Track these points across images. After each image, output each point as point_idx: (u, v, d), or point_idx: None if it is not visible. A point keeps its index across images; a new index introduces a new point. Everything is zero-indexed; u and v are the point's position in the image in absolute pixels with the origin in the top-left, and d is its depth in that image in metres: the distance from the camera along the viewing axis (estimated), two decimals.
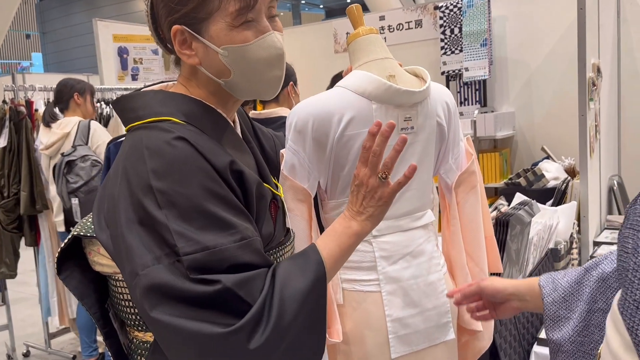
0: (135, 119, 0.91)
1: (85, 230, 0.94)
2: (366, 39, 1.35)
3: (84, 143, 3.04)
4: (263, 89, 0.97)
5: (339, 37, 4.55)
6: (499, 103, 4.05)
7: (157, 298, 0.78)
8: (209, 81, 0.96)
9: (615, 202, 3.44)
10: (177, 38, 0.92)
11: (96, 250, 0.94)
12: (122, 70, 4.14)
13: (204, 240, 0.79)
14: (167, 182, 0.81)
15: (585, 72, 2.56)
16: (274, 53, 0.94)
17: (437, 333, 1.38)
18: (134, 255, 0.80)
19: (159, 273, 0.78)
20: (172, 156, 0.83)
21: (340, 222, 0.99)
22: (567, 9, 3.64)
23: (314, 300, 0.85)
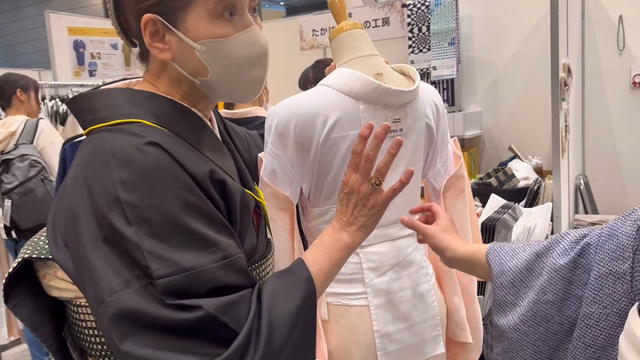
0: (96, 121, 0.79)
1: (38, 252, 0.81)
2: (350, 34, 1.25)
3: (29, 142, 2.85)
4: (243, 90, 0.87)
5: (305, 34, 4.45)
6: (466, 102, 4.04)
7: (128, 328, 0.67)
8: (182, 79, 0.84)
9: (582, 201, 3.47)
10: (148, 29, 0.80)
11: (52, 273, 0.81)
12: (79, 66, 3.89)
13: (181, 260, 0.69)
14: (138, 194, 0.70)
15: (558, 72, 2.55)
16: (257, 50, 0.84)
17: (427, 347, 1.30)
18: (99, 279, 0.69)
19: (129, 299, 0.67)
20: (143, 164, 0.72)
21: (330, 233, 0.90)
22: (534, 8, 3.65)
23: (304, 322, 0.76)
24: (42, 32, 3.99)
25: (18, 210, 2.68)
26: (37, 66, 5.78)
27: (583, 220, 3.23)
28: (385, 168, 0.88)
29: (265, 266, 0.93)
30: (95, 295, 0.69)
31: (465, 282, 1.40)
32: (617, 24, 3.61)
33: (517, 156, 3.63)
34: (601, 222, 3.21)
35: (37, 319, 0.84)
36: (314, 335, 0.79)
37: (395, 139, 0.89)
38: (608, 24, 3.63)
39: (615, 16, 3.61)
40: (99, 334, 0.81)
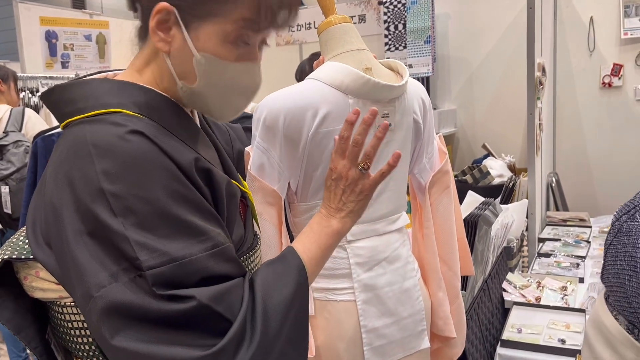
0: (74, 113, 0.76)
1: (18, 252, 0.77)
2: (340, 27, 1.24)
3: (17, 129, 2.78)
4: (217, 111, 0.85)
5: None
6: (441, 100, 4.08)
7: (118, 322, 0.65)
8: (166, 75, 0.82)
9: (554, 199, 3.54)
10: (159, 16, 0.77)
11: (34, 274, 0.78)
12: (51, 57, 3.77)
13: (170, 250, 0.67)
14: (122, 185, 0.68)
15: (533, 71, 2.59)
16: (251, 83, 0.84)
17: (412, 342, 1.30)
18: (85, 274, 0.66)
19: (118, 292, 0.65)
20: (127, 153, 0.69)
21: (318, 221, 0.89)
22: (509, 8, 3.71)
23: (297, 310, 0.76)
24: (10, 22, 3.87)
25: (15, 197, 2.62)
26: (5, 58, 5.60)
27: (555, 217, 3.30)
28: (373, 152, 0.88)
29: (253, 258, 0.92)
30: (83, 292, 0.67)
31: (449, 277, 1.41)
32: (588, 26, 3.69)
33: (491, 154, 3.68)
34: (572, 218, 3.29)
35: (20, 321, 0.81)
36: (307, 323, 0.78)
37: (382, 123, 0.89)
38: (579, 25, 3.71)
39: (586, 18, 3.69)
40: (86, 334, 0.78)
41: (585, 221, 3.20)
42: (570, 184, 3.75)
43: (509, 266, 2.32)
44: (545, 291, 2.12)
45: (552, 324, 1.88)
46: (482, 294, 1.83)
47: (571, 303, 2.05)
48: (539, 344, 1.74)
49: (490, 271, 2.00)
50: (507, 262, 2.30)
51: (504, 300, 2.08)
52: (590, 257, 2.57)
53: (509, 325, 1.88)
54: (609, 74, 3.66)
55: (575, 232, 3.00)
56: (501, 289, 2.11)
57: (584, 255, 2.55)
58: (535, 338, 1.79)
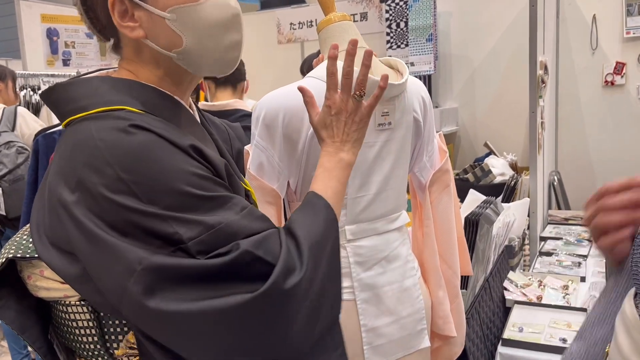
0: (76, 111, 0.76)
1: (22, 251, 0.77)
2: (339, 26, 1.24)
3: (10, 129, 2.78)
4: (222, 57, 0.84)
5: (282, 27, 4.41)
6: (442, 99, 4.07)
7: (166, 286, 0.66)
8: (158, 58, 0.82)
9: (556, 197, 3.53)
10: (117, 9, 0.78)
11: (38, 273, 0.78)
12: (52, 55, 3.77)
13: (204, 220, 0.69)
14: (140, 173, 0.69)
15: (536, 70, 2.58)
16: (229, 12, 0.82)
17: (412, 341, 1.30)
18: (120, 257, 0.66)
19: (163, 259, 0.66)
20: (134, 144, 0.70)
21: (328, 158, 0.94)
22: (511, 6, 3.69)
23: (332, 245, 0.81)
24: (12, 20, 3.87)
25: (9, 198, 2.62)
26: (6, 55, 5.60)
27: (556, 216, 3.29)
28: (364, 79, 0.93)
29: None
30: (121, 272, 0.66)
31: (449, 276, 1.40)
32: (591, 24, 3.68)
33: (493, 152, 3.67)
34: (574, 217, 3.28)
35: (24, 321, 0.81)
36: (339, 258, 0.83)
37: (366, 50, 0.95)
38: (582, 23, 3.70)
39: (589, 16, 3.67)
40: (91, 333, 0.78)
41: None
42: (572, 182, 3.74)
43: (511, 265, 2.31)
44: (546, 290, 2.11)
45: (554, 323, 1.87)
46: (483, 293, 1.82)
47: (573, 302, 2.05)
48: (540, 343, 1.74)
49: (491, 270, 1.99)
50: (509, 261, 2.30)
51: (505, 299, 2.08)
52: (592, 255, 2.56)
53: (510, 324, 1.88)
54: (611, 72, 3.65)
55: (577, 230, 3.00)
56: (502, 288, 2.11)
57: (586, 254, 2.54)
58: (536, 337, 1.79)
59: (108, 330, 0.76)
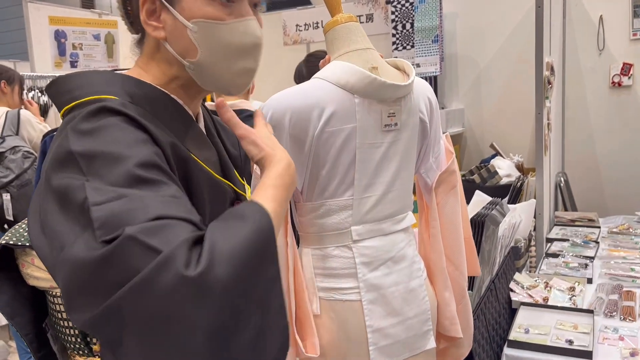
0: (70, 101, 0.77)
1: (16, 239, 0.80)
2: (345, 27, 1.24)
3: (14, 133, 2.79)
4: (231, 79, 0.85)
5: (288, 29, 4.42)
6: (448, 100, 4.06)
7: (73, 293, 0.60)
8: (172, 62, 0.84)
9: (562, 199, 3.52)
10: (146, 7, 0.81)
11: (30, 261, 0.81)
12: (60, 56, 3.80)
13: (122, 191, 0.62)
14: (89, 145, 0.67)
15: (542, 71, 2.57)
16: (249, 40, 0.83)
17: (418, 342, 1.30)
18: (54, 240, 0.63)
19: (75, 250, 0.60)
20: (97, 124, 0.70)
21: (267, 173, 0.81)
22: (517, 7, 3.69)
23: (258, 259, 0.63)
24: (20, 22, 3.90)
25: (17, 203, 2.64)
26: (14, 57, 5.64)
27: (563, 217, 3.28)
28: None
29: None
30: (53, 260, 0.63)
31: (455, 277, 1.40)
32: (598, 25, 3.67)
33: (499, 153, 3.66)
34: (580, 219, 3.27)
35: (17, 307, 0.83)
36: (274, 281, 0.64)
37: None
38: (588, 24, 3.69)
39: (595, 17, 3.67)
40: (73, 325, 0.80)
41: (594, 221, 3.18)
42: (579, 184, 3.72)
43: (517, 266, 2.31)
44: (553, 292, 2.10)
45: (560, 325, 1.87)
46: (489, 294, 1.82)
47: (579, 304, 2.04)
48: (546, 345, 1.73)
49: (497, 271, 1.99)
50: (515, 262, 2.29)
51: (511, 300, 2.07)
52: (599, 257, 2.55)
53: (516, 325, 1.87)
54: (618, 73, 3.63)
55: (583, 232, 2.98)
56: (508, 289, 2.10)
57: (593, 256, 2.53)
58: (542, 339, 1.78)
59: None
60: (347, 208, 1.22)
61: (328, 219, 1.22)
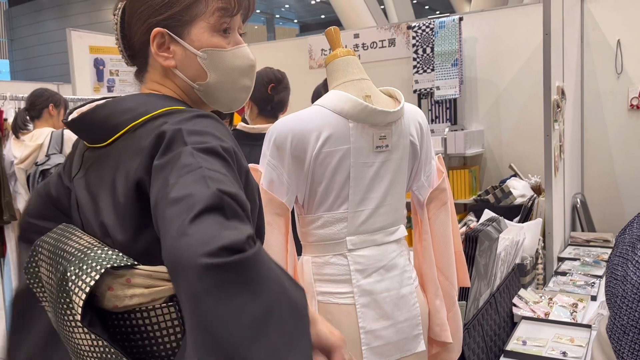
0: (136, 117, 0.88)
1: (110, 263, 0.79)
2: (344, 60, 1.40)
3: (58, 152, 3.02)
4: (233, 96, 1.00)
5: (314, 53, 4.62)
6: (468, 121, 4.17)
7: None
8: (181, 85, 0.97)
9: (579, 220, 3.57)
10: (156, 41, 0.93)
11: (124, 282, 0.79)
12: (98, 82, 4.11)
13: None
14: (200, 137, 0.81)
15: (550, 95, 2.68)
16: (247, 63, 0.99)
17: (408, 344, 1.42)
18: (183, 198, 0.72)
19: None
20: (208, 121, 0.86)
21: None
22: (534, 32, 3.78)
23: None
24: (62, 46, 4.21)
25: None
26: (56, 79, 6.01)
27: (578, 238, 3.33)
28: None
29: None
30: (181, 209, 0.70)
31: (446, 287, 1.52)
32: (616, 48, 3.74)
33: (517, 174, 3.74)
34: (596, 239, 3.31)
35: (109, 333, 0.81)
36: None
37: None
38: (606, 48, 3.76)
39: (613, 41, 3.74)
40: (175, 332, 0.80)
41: (609, 242, 3.22)
42: (598, 205, 3.76)
43: (522, 282, 2.39)
44: (555, 307, 2.18)
45: (558, 338, 1.95)
46: (487, 307, 1.92)
47: (579, 319, 2.11)
48: (540, 355, 1.82)
49: (499, 286, 2.08)
50: (520, 279, 2.38)
51: (514, 314, 2.16)
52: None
53: (514, 337, 1.96)
54: (637, 95, 3.69)
55: (596, 252, 3.04)
56: (511, 304, 2.19)
57: (601, 275, 2.59)
58: (538, 350, 1.87)
59: None
60: (343, 220, 1.36)
61: (326, 230, 1.37)
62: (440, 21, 3.98)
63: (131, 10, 0.95)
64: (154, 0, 0.92)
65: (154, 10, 0.92)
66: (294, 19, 25.02)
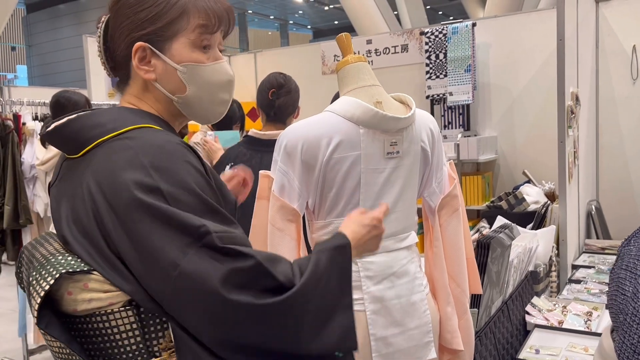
0: (105, 133, 0.90)
1: (65, 268, 0.83)
2: (355, 66, 1.40)
3: None
4: (212, 109, 1.02)
5: (326, 59, 4.63)
6: (481, 127, 4.15)
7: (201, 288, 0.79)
8: (160, 98, 0.99)
9: (594, 227, 3.53)
10: (138, 54, 0.95)
11: (82, 286, 0.84)
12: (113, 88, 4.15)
13: (217, 226, 0.83)
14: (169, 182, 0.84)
15: (564, 101, 2.66)
16: (225, 78, 1.01)
17: (419, 352, 1.41)
18: (158, 258, 0.80)
19: (191, 263, 0.79)
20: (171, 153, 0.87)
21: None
22: (548, 37, 3.76)
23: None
24: (79, 52, 4.27)
25: None
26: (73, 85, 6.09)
27: (593, 245, 3.29)
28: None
29: None
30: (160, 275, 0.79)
31: (457, 294, 1.51)
32: (631, 54, 3.70)
33: (531, 181, 3.71)
34: (611, 247, 3.27)
35: (67, 334, 0.87)
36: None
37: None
38: (622, 54, 3.73)
39: (629, 46, 3.70)
40: (134, 335, 0.85)
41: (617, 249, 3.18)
42: (613, 212, 3.72)
43: (535, 290, 2.37)
44: (568, 315, 2.16)
45: (571, 347, 1.93)
46: (500, 314, 1.90)
47: (594, 328, 2.09)
48: None
49: (512, 293, 2.07)
50: (534, 286, 2.36)
51: (527, 322, 2.14)
52: None
53: (527, 345, 1.94)
54: None
55: (611, 260, 3.00)
56: (524, 312, 2.17)
57: None
58: (551, 359, 1.85)
59: (149, 329, 0.86)
60: None
61: None
62: (453, 27, 3.97)
63: (114, 23, 0.97)
64: (138, 16, 0.95)
65: (137, 25, 0.95)
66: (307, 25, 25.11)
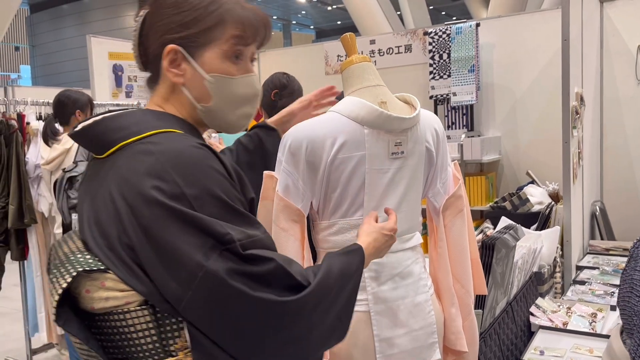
0: (129, 136, 0.90)
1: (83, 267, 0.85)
2: (359, 66, 1.40)
3: (85, 159, 3.04)
4: (234, 121, 1.01)
5: (330, 59, 4.63)
6: (485, 127, 4.14)
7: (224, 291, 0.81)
8: (186, 103, 0.98)
9: (598, 228, 3.51)
10: (169, 56, 0.95)
11: (99, 285, 0.85)
12: (117, 87, 4.18)
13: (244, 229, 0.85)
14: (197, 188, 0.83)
15: (569, 101, 2.65)
16: (251, 92, 1.01)
17: (423, 353, 1.40)
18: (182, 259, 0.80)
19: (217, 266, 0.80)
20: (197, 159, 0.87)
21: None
22: (552, 38, 3.75)
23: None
24: (82, 52, 4.27)
25: None
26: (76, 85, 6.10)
27: (597, 246, 3.28)
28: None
29: None
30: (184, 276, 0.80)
31: (462, 295, 1.51)
32: (636, 54, 3.69)
33: (535, 181, 3.70)
34: (616, 248, 3.25)
35: (85, 331, 0.88)
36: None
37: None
38: (626, 54, 3.71)
39: (633, 47, 3.69)
40: (150, 334, 0.86)
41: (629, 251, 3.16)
42: (618, 213, 3.70)
43: (540, 291, 2.36)
44: (573, 317, 2.15)
45: (576, 349, 1.92)
46: (504, 316, 1.90)
47: (599, 329, 2.08)
48: None
49: (516, 294, 2.06)
50: (538, 287, 2.35)
51: (531, 323, 2.13)
52: None
53: (531, 347, 1.94)
54: None
55: (616, 261, 2.99)
56: (528, 313, 2.16)
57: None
58: None
59: (165, 329, 0.86)
60: (358, 227, 1.35)
61: (341, 236, 1.36)
62: (457, 27, 3.97)
63: (151, 21, 0.97)
64: (174, 18, 0.94)
65: (172, 28, 0.94)
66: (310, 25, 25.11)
